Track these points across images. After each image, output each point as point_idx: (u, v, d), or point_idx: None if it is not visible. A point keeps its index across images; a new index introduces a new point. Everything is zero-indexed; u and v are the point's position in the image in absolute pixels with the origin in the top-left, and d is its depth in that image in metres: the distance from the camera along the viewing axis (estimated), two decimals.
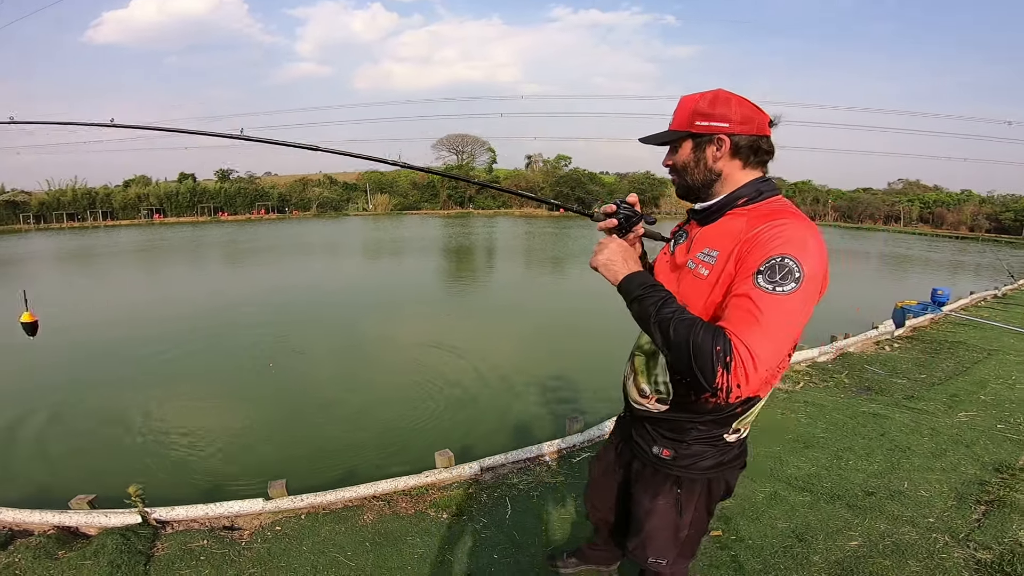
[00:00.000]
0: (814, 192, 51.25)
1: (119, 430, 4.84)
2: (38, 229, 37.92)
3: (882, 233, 39.57)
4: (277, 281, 13.83)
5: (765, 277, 1.08)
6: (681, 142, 1.30)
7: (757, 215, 1.20)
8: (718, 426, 1.36)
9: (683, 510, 1.45)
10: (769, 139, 1.27)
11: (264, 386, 5.95)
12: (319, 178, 51.19)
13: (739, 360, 1.03)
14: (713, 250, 1.24)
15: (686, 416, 1.37)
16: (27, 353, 7.17)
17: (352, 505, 2.97)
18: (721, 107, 1.23)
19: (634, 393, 1.47)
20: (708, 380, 1.05)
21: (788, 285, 1.06)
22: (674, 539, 1.50)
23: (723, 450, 1.40)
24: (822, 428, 3.82)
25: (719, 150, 1.25)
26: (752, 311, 1.06)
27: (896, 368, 5.41)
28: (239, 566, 2.43)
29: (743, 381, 1.03)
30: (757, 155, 1.26)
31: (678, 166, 1.32)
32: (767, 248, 1.11)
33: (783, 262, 1.08)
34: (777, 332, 1.06)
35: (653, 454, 1.45)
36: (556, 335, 8.22)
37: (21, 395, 5.65)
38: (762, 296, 1.07)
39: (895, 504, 2.80)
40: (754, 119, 1.23)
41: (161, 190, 44.44)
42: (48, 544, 2.58)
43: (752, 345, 1.03)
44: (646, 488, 1.51)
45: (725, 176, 1.27)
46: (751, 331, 1.05)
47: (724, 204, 1.27)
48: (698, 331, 1.07)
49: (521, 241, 25.22)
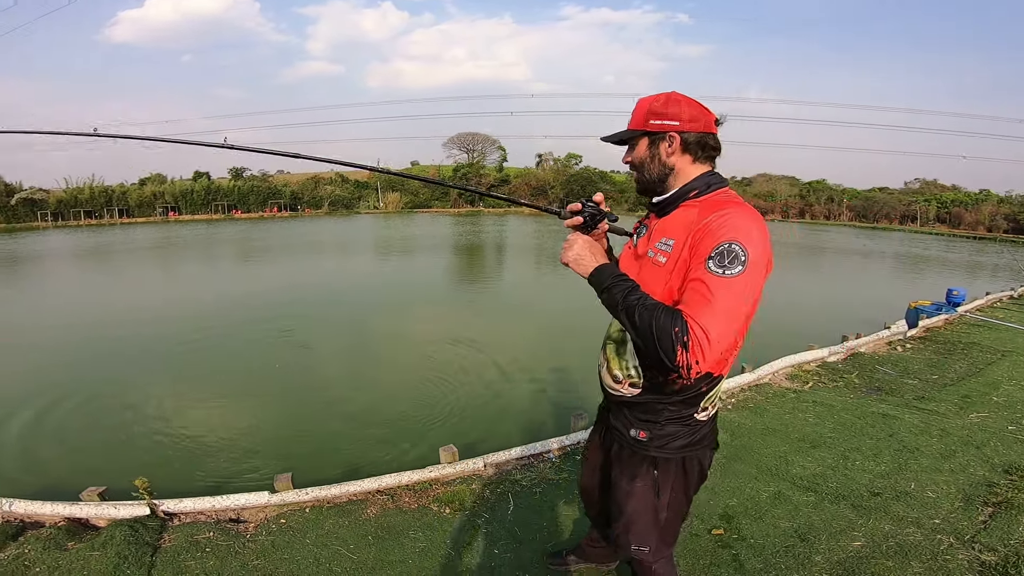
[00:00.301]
0: (828, 191, 50.69)
1: (129, 423, 4.91)
2: (56, 227, 38.60)
3: (898, 233, 39.02)
4: (287, 279, 13.96)
5: (715, 262, 1.20)
6: (638, 140, 1.43)
7: (707, 206, 1.32)
8: (687, 406, 1.45)
9: (660, 491, 1.54)
10: (716, 136, 1.39)
11: (272, 381, 6.01)
12: (331, 176, 51.57)
13: (695, 339, 1.14)
14: (669, 239, 1.35)
15: (657, 398, 1.46)
16: (39, 349, 7.33)
17: (356, 499, 2.99)
18: (672, 107, 1.35)
19: (608, 380, 1.57)
20: (670, 359, 1.16)
21: (736, 268, 1.18)
22: (654, 522, 1.57)
23: (694, 429, 1.49)
24: (830, 428, 3.79)
25: (671, 146, 1.37)
26: (704, 294, 1.18)
27: (908, 369, 5.34)
28: (243, 558, 2.46)
29: (700, 358, 1.14)
30: (705, 151, 1.38)
31: (636, 162, 1.44)
32: (716, 236, 1.22)
33: (730, 248, 1.20)
34: (727, 311, 1.17)
35: (631, 437, 1.54)
36: (561, 332, 8.21)
37: (34, 389, 5.75)
38: (712, 279, 1.18)
39: (901, 505, 2.77)
40: (701, 118, 1.36)
41: (176, 188, 45.09)
42: (58, 535, 2.61)
43: (705, 324, 1.14)
44: (624, 471, 1.59)
45: (677, 170, 1.39)
46: (704, 312, 1.16)
47: (678, 196, 1.39)
48: (659, 315, 1.19)
49: (530, 240, 25.22)
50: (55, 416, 5.09)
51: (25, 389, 5.75)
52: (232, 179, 48.40)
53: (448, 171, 53.87)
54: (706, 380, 1.42)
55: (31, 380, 6.06)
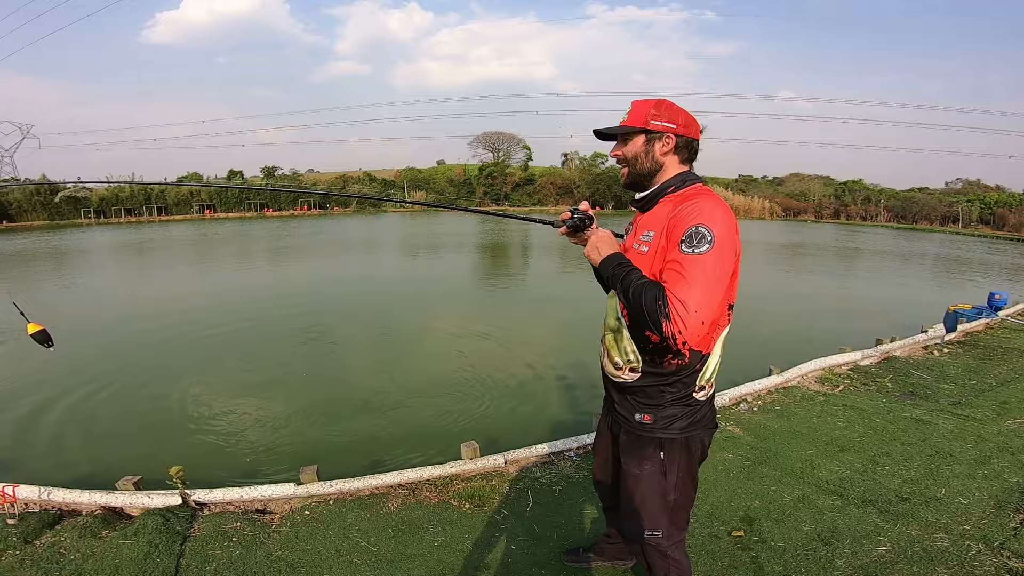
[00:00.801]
0: (865, 191, 49.20)
1: (164, 413, 5.09)
2: (98, 223, 40.15)
3: (938, 234, 37.57)
4: (316, 274, 14.24)
5: (686, 244, 1.36)
6: (632, 136, 1.57)
7: (679, 199, 1.49)
8: (685, 386, 1.57)
9: (668, 471, 1.64)
10: (698, 142, 1.58)
11: (299, 375, 6.16)
12: (359, 175, 52.38)
13: (673, 309, 1.29)
14: (650, 231, 1.52)
15: (656, 380, 1.58)
16: (76, 341, 7.65)
17: (378, 492, 3.04)
18: (670, 112, 1.52)
19: (610, 368, 1.68)
20: (659, 329, 1.32)
21: (703, 247, 1.34)
22: (663, 505, 1.66)
23: (694, 410, 1.61)
24: (860, 432, 3.69)
25: (665, 146, 1.53)
26: (679, 271, 1.34)
27: (944, 373, 5.16)
28: (267, 548, 2.52)
29: (682, 327, 1.29)
30: (690, 154, 1.56)
31: (628, 156, 1.58)
32: (686, 222, 1.38)
33: (697, 230, 1.36)
34: (698, 283, 1.31)
35: (636, 421, 1.64)
36: (584, 330, 8.16)
37: (73, 378, 6.02)
38: (684, 258, 1.34)
39: (929, 511, 2.69)
40: (692, 125, 1.55)
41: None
42: (93, 524, 2.70)
43: (682, 296, 1.30)
44: (632, 455, 1.68)
45: (666, 168, 1.56)
46: (678, 285, 1.32)
47: (657, 193, 1.56)
48: (647, 291, 1.35)
49: (555, 239, 25.14)
50: (93, 404, 5.32)
51: (65, 377, 6.02)
52: (264, 178, 49.61)
53: (474, 170, 54.14)
54: (697, 358, 1.55)
55: (71, 369, 6.33)
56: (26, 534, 2.58)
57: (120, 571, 2.31)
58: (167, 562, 2.38)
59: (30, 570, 2.31)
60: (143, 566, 2.33)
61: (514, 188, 52.01)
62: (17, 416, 5.03)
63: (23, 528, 2.62)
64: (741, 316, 6.60)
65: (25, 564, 2.36)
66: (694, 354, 1.54)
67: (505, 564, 2.39)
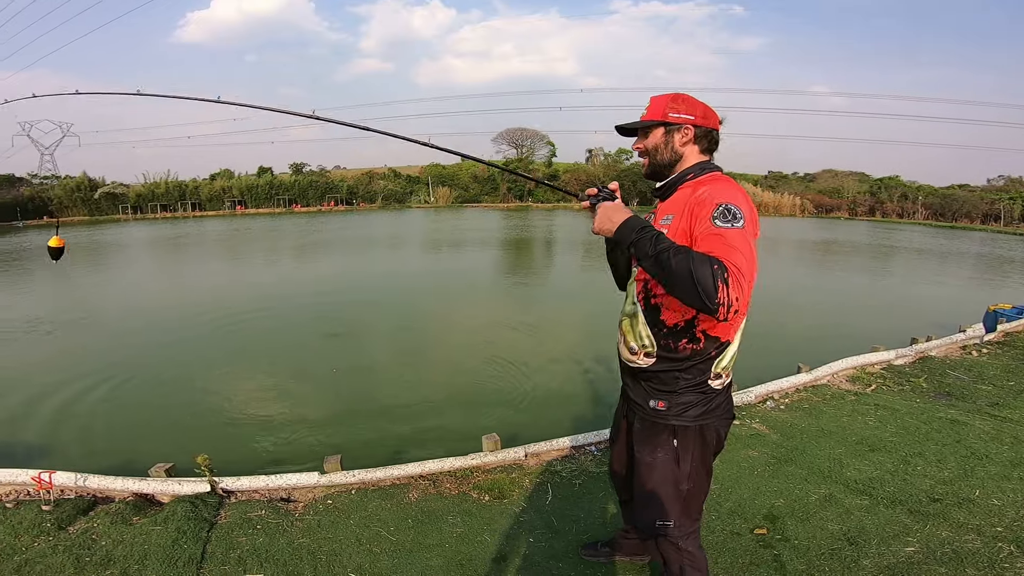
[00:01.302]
0: (902, 188, 47.60)
1: (196, 402, 5.26)
2: (135, 219, 41.51)
3: (979, 233, 36.11)
4: (344, 268, 14.48)
5: (720, 219, 1.37)
6: (652, 129, 1.61)
7: (699, 184, 1.53)
8: (700, 373, 1.57)
9: (681, 460, 1.63)
10: (718, 133, 1.61)
11: (328, 366, 6.27)
12: (384, 171, 52.93)
13: (733, 274, 1.26)
14: (670, 215, 1.55)
15: (670, 366, 1.59)
16: (110, 328, 7.93)
17: (399, 483, 3.08)
18: (688, 104, 1.57)
19: (625, 353, 1.69)
20: (710, 296, 1.24)
21: (739, 222, 1.37)
22: (676, 494, 1.65)
23: (709, 398, 1.60)
24: (892, 432, 3.59)
25: (684, 137, 1.58)
26: (723, 242, 1.33)
27: (982, 374, 4.97)
28: (290, 536, 2.57)
29: (739, 292, 1.25)
30: (710, 144, 1.61)
31: (648, 148, 1.63)
32: (712, 201, 1.41)
33: (728, 207, 1.38)
34: (745, 254, 1.31)
35: (650, 408, 1.65)
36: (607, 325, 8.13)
37: (106, 367, 6.25)
38: (725, 231, 1.35)
39: (962, 512, 2.60)
40: (711, 116, 1.59)
41: (243, 183, 47.44)
42: (125, 510, 2.77)
43: (736, 262, 1.28)
44: (646, 443, 1.69)
45: (685, 158, 1.60)
46: (730, 253, 1.30)
47: (676, 181, 1.60)
48: (694, 258, 1.28)
49: (580, 234, 25.00)
50: (129, 391, 5.52)
51: (103, 365, 6.26)
52: (293, 174, 50.55)
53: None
54: (713, 345, 1.54)
55: (109, 357, 6.58)
56: (60, 520, 2.65)
57: (148, 557, 2.36)
58: (193, 549, 2.43)
59: (62, 556, 2.38)
60: (170, 552, 2.39)
61: (538, 184, 51.88)
62: (56, 402, 5.25)
63: (57, 514, 2.69)
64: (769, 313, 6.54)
65: (58, 550, 2.42)
66: (710, 340, 1.53)
67: (523, 556, 2.40)
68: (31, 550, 2.43)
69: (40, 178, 46.02)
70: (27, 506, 2.78)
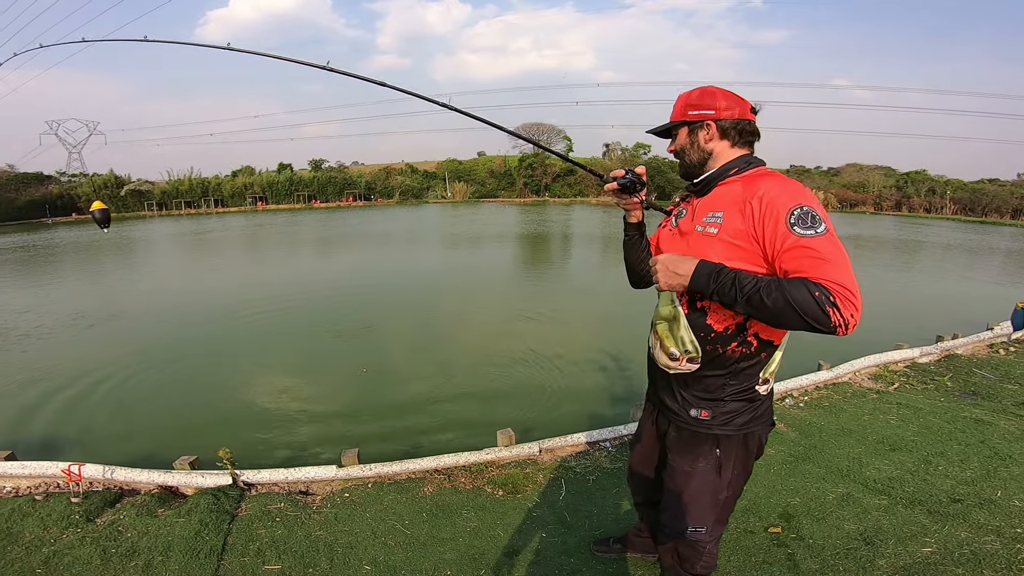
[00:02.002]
0: (930, 182, 46.34)
1: (221, 395, 5.38)
2: (160, 215, 42.39)
3: (1009, 228, 35.00)
4: (361, 263, 14.61)
5: (800, 226, 1.24)
6: (679, 130, 1.55)
7: (749, 180, 1.41)
8: (749, 379, 1.49)
9: (723, 469, 1.56)
10: (752, 122, 1.49)
11: (346, 361, 6.36)
12: (401, 167, 53.20)
13: (840, 295, 1.16)
14: (717, 212, 1.43)
15: (717, 372, 1.49)
16: (137, 324, 8.12)
17: (415, 477, 3.12)
18: (707, 98, 1.48)
19: (664, 359, 1.58)
20: (824, 323, 1.17)
21: (821, 226, 1.24)
22: (713, 502, 1.60)
23: (756, 405, 1.53)
24: (913, 431, 3.52)
25: (708, 133, 1.49)
26: (815, 256, 1.21)
27: (1009, 373, 4.84)
28: (308, 528, 2.63)
29: (854, 310, 1.16)
30: (742, 136, 1.48)
31: (678, 150, 1.56)
32: (782, 204, 1.28)
33: (804, 211, 1.26)
34: (843, 261, 1.21)
35: (692, 417, 1.56)
36: (623, 321, 8.09)
37: (132, 362, 6.42)
38: (811, 240, 1.22)
39: (982, 513, 2.55)
40: (736, 106, 1.47)
41: (264, 179, 48.12)
42: (151, 503, 2.84)
43: (837, 279, 1.17)
44: (684, 453, 1.60)
45: (716, 154, 1.50)
46: (827, 269, 1.19)
47: (716, 176, 1.49)
48: (791, 291, 1.20)
49: (597, 228, 24.85)
50: (153, 385, 5.66)
51: (131, 358, 6.43)
52: (312, 170, 51.12)
53: (514, 161, 54.02)
54: (763, 348, 1.46)
55: (137, 350, 6.75)
56: (88, 512, 2.73)
57: (172, 549, 2.43)
58: (215, 540, 2.50)
59: (90, 547, 2.45)
60: (193, 544, 2.45)
61: (554, 179, 51.62)
62: (86, 395, 5.41)
63: (86, 506, 2.77)
64: None
65: (86, 541, 2.49)
66: (762, 343, 1.45)
67: (536, 551, 2.42)
68: (59, 542, 2.50)
69: (68, 176, 47.25)
70: (56, 498, 2.86)
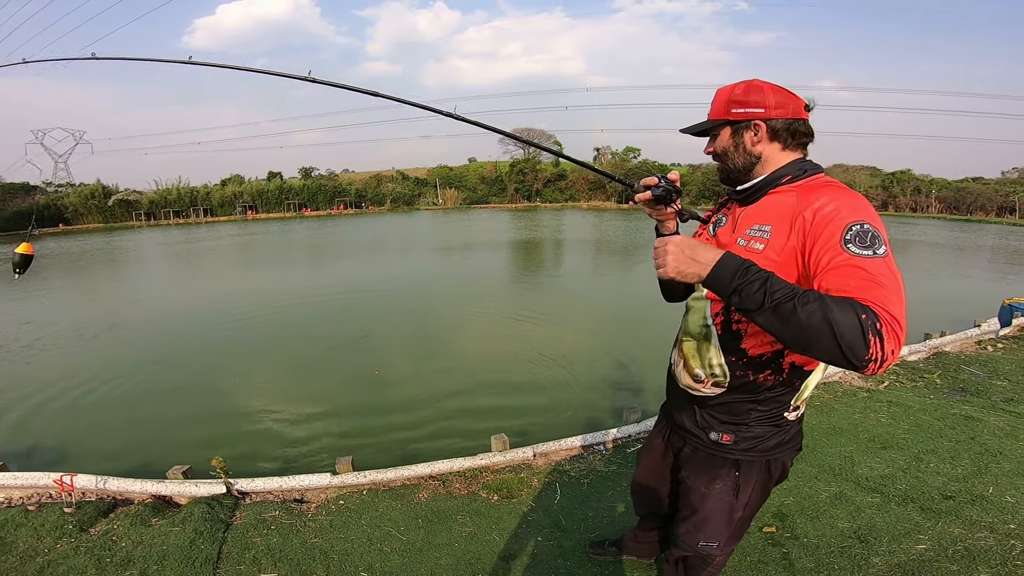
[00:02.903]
0: (915, 182, 46.96)
1: (214, 405, 5.33)
2: (148, 225, 41.99)
3: (994, 226, 35.55)
4: (355, 271, 14.56)
5: (856, 244, 1.07)
6: (719, 130, 1.36)
7: (805, 190, 1.23)
8: (778, 404, 1.37)
9: (740, 491, 1.48)
10: (806, 122, 1.30)
11: (339, 369, 6.33)
12: (392, 174, 53.16)
13: (887, 324, 0.97)
14: (764, 225, 1.27)
15: (744, 398, 1.38)
16: (128, 334, 8.04)
17: (410, 483, 3.11)
18: (755, 94, 1.29)
19: (687, 379, 1.47)
20: (859, 353, 0.96)
21: (881, 248, 1.06)
22: (728, 521, 1.52)
23: (784, 430, 1.42)
24: (904, 429, 3.56)
25: (756, 135, 1.30)
26: (867, 277, 1.03)
27: (997, 369, 4.91)
28: (303, 536, 2.62)
29: (895, 346, 0.98)
30: (795, 137, 1.30)
31: (719, 152, 1.37)
32: (840, 218, 1.11)
33: (864, 228, 1.08)
34: (898, 290, 1.03)
35: (711, 440, 1.47)
36: (616, 324, 8.12)
37: (125, 370, 6.36)
38: (867, 262, 1.05)
39: (975, 509, 2.58)
40: (788, 104, 1.28)
41: (253, 188, 47.82)
42: (144, 512, 2.83)
43: (890, 307, 0.99)
44: (701, 473, 1.52)
45: (765, 158, 1.31)
46: (880, 294, 1.01)
47: (767, 183, 1.31)
48: (832, 307, 0.99)
49: (589, 233, 24.94)
50: (145, 395, 5.60)
51: (118, 369, 6.36)
52: (302, 178, 50.91)
53: (505, 167, 54.17)
54: (796, 375, 1.33)
55: (122, 361, 6.68)
56: (82, 522, 2.72)
57: (167, 558, 2.41)
58: (210, 549, 2.48)
59: (84, 557, 2.43)
60: (188, 553, 2.44)
61: (545, 184, 51.78)
62: (76, 406, 5.35)
63: (79, 516, 2.76)
64: None
65: (79, 551, 2.48)
66: (795, 370, 1.32)
67: (531, 555, 2.42)
68: (54, 552, 2.49)
69: (54, 186, 46.74)
70: (49, 508, 2.85)
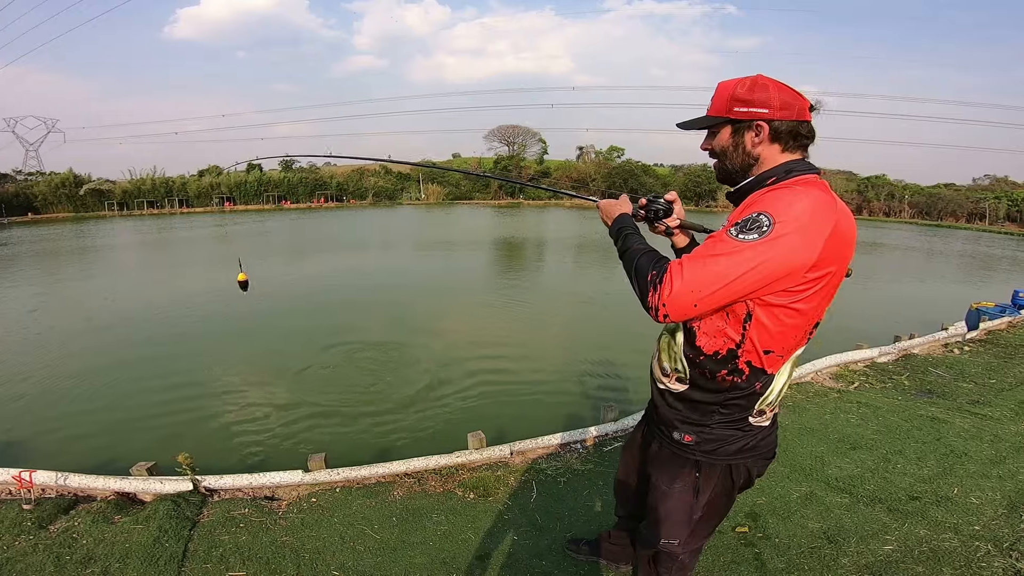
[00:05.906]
0: (889, 187, 48.16)
1: (181, 401, 5.19)
2: (121, 216, 40.87)
3: (964, 231, 36.64)
4: (333, 266, 14.37)
5: (736, 229, 1.14)
6: (719, 127, 1.32)
7: (773, 191, 1.21)
8: (740, 409, 1.35)
9: (700, 492, 1.46)
10: (809, 124, 1.26)
11: (312, 363, 6.23)
12: (375, 168, 52.57)
13: (667, 281, 1.13)
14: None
15: (706, 397, 1.36)
16: (99, 330, 7.82)
17: (384, 481, 3.08)
18: (760, 93, 1.23)
19: (657, 372, 1.49)
20: (643, 300, 1.18)
21: (751, 235, 1.11)
22: (686, 521, 1.51)
23: (748, 435, 1.39)
24: (873, 430, 3.63)
25: (757, 136, 1.26)
26: (706, 249, 1.16)
27: (963, 372, 5.05)
28: (273, 534, 2.56)
29: (666, 300, 1.12)
30: (797, 140, 1.26)
31: (717, 150, 1.34)
32: (753, 209, 1.17)
33: (756, 218, 1.13)
34: (717, 267, 1.11)
35: (674, 439, 1.46)
36: (596, 324, 8.16)
37: (88, 364, 6.18)
38: (723, 239, 1.14)
39: (940, 510, 2.65)
40: (794, 105, 1.23)
41: (232, 179, 46.83)
42: (107, 509, 2.75)
43: (685, 271, 1.12)
44: (663, 471, 1.52)
45: (763, 160, 1.28)
46: (692, 262, 1.13)
47: (753, 185, 1.29)
48: (644, 258, 1.22)
49: (571, 232, 25.01)
50: (108, 390, 5.45)
51: (81, 364, 6.18)
52: (282, 171, 50.06)
53: (489, 163, 54.06)
54: (757, 377, 1.30)
55: (86, 356, 6.49)
56: (41, 519, 2.64)
57: (130, 556, 2.36)
58: (175, 547, 2.43)
59: (43, 555, 2.36)
60: (152, 551, 2.38)
61: (530, 180, 51.90)
62: (37, 402, 5.18)
63: (38, 513, 2.68)
64: None
65: (38, 549, 2.41)
66: (755, 372, 1.29)
67: (507, 554, 2.41)
68: (12, 549, 2.42)
69: (25, 174, 45.22)
70: (7, 505, 2.77)
